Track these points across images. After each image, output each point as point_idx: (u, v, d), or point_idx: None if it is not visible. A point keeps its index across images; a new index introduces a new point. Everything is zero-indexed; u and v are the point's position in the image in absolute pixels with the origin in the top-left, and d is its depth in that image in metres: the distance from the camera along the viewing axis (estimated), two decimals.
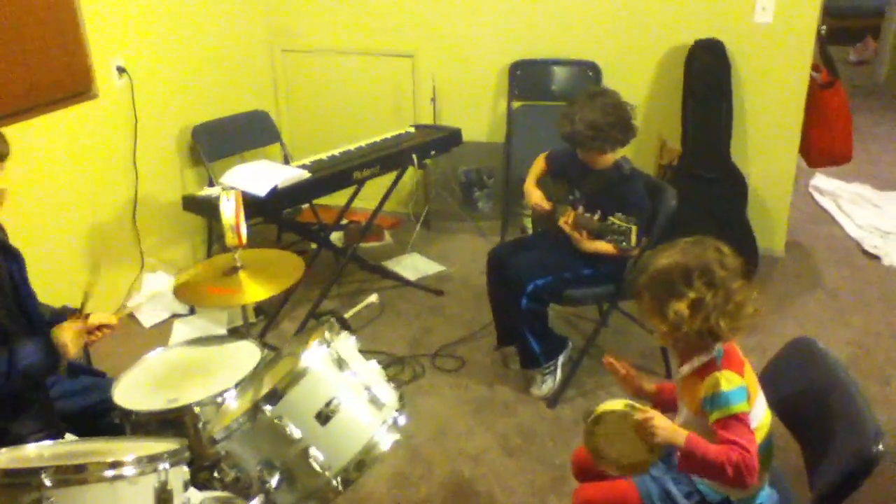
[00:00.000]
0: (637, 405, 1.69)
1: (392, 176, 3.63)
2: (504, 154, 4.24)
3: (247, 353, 2.14)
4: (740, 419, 1.60)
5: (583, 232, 2.71)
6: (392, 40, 4.38)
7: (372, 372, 1.65)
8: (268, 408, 1.46)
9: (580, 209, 2.75)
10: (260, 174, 3.21)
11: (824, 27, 3.69)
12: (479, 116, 4.36)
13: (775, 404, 1.84)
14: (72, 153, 3.38)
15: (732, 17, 3.70)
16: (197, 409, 1.90)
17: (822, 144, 3.83)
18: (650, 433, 1.63)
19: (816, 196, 4.92)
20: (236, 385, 1.87)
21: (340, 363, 1.55)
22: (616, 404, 1.70)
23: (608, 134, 2.73)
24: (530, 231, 3.27)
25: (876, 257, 4.08)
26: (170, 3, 3.82)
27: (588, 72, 4.01)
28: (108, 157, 3.57)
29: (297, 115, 4.73)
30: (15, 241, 3.04)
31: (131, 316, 3.70)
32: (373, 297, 3.75)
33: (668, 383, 1.95)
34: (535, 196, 3.01)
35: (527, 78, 4.15)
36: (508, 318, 3.03)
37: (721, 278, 1.66)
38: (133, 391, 2.03)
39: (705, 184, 3.76)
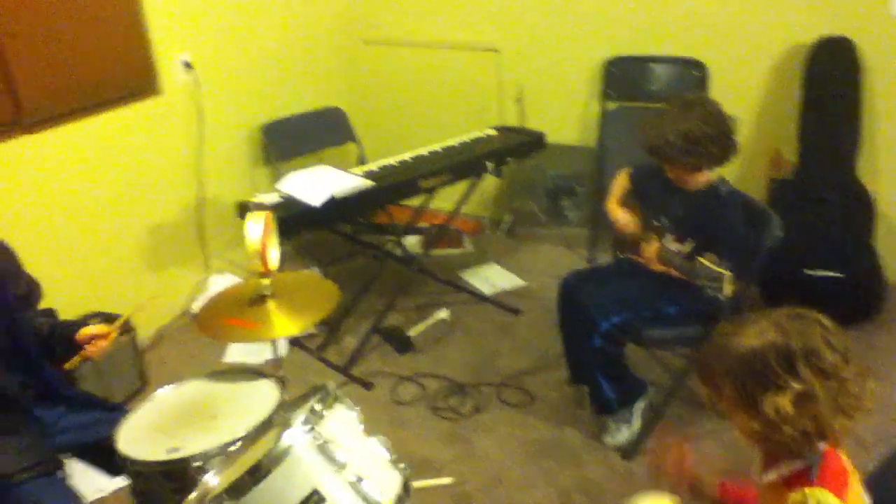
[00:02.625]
0: None
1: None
2: (595, 160, 3.87)
3: (264, 396, 1.91)
4: None
5: (669, 268, 2.33)
6: (476, 33, 4.05)
7: (370, 456, 1.36)
8: None
9: (667, 238, 2.37)
10: (318, 181, 2.98)
11: None
12: (570, 117, 3.99)
13: None
14: (134, 151, 3.26)
15: (864, 10, 3.18)
16: (196, 464, 1.68)
17: None
18: None
19: None
20: (230, 444, 1.63)
21: (325, 449, 1.27)
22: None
23: (705, 148, 2.33)
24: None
25: None
26: None
27: (692, 71, 3.57)
28: (173, 155, 3.44)
29: (375, 113, 4.46)
30: (74, 243, 2.99)
31: (193, 317, 3.58)
32: (442, 313, 3.50)
33: (733, 484, 1.57)
34: (622, 217, 2.66)
35: (623, 76, 3.75)
36: (581, 356, 2.69)
37: (832, 364, 1.27)
38: (137, 434, 1.84)
39: (821, 204, 3.26)
